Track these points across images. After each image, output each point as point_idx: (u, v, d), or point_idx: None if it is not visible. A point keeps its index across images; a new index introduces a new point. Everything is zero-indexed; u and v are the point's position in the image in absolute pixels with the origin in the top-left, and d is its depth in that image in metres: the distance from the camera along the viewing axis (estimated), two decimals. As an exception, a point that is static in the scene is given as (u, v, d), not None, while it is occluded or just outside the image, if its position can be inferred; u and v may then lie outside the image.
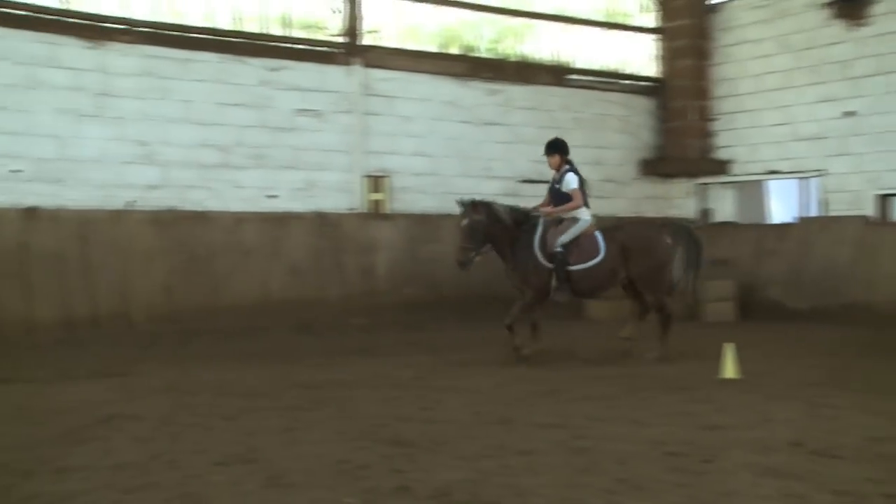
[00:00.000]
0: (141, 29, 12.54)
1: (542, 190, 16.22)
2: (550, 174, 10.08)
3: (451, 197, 14.89)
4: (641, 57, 17.33)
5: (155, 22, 12.68)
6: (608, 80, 16.86)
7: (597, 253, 9.70)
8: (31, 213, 11.72)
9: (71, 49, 12.07)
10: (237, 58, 13.27)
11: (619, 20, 17.24)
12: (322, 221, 13.80)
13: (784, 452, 5.84)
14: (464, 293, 14.03)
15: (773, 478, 5.24)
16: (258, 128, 13.40)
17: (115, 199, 12.29)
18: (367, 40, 14.36)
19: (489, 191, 15.10)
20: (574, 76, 16.45)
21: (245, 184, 13.30)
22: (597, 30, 16.85)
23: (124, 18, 12.46)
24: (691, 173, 16.98)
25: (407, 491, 5.06)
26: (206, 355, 10.45)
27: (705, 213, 16.90)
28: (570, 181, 9.70)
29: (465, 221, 9.68)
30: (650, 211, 16.99)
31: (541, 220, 9.85)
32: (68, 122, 12.03)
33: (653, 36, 17.32)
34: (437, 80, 14.93)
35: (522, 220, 9.89)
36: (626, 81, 17.12)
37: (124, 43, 12.44)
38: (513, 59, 16.08)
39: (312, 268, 13.57)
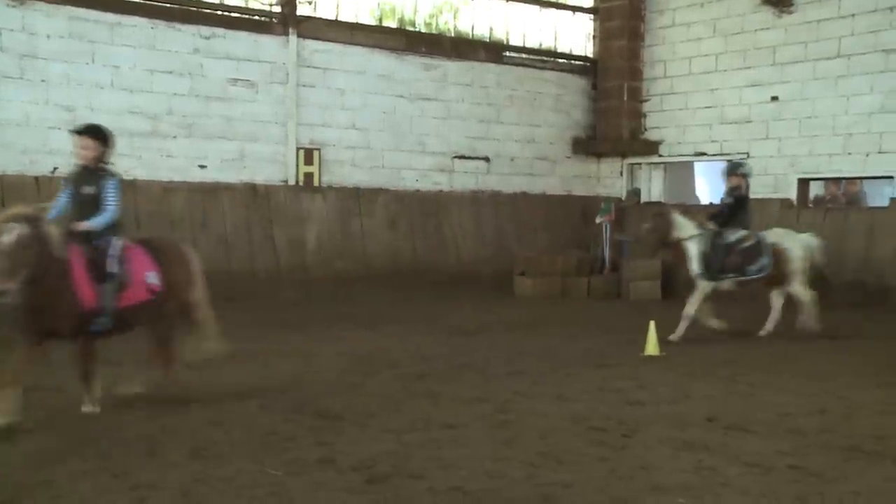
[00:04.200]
0: (68, -11, 12.18)
1: (475, 166, 16.58)
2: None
3: (383, 171, 15.07)
4: (577, 36, 17.46)
5: (82, -17, 12.32)
6: (543, 59, 16.95)
7: None
8: (-51, 177, 11.34)
9: (-8, 7, 11.67)
10: (169, 24, 12.97)
11: (556, -1, 17.35)
12: (253, 193, 13.65)
13: (700, 427, 6.04)
14: (394, 267, 14.05)
15: (689, 451, 5.43)
16: (189, 96, 13.15)
17: (40, 165, 11.96)
18: (302, 10, 14.17)
19: (423, 166, 15.18)
20: (510, 53, 16.51)
21: (174, 153, 13.06)
22: (534, 8, 16.91)
23: (50, -23, 12.06)
24: (622, 153, 17.22)
25: (331, 463, 5.11)
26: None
27: (635, 192, 17.15)
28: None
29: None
30: (580, 189, 17.20)
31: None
32: (-11, 84, 11.65)
33: (588, 16, 17.46)
34: (373, 53, 14.82)
35: None
36: (561, 60, 17.24)
37: (49, 3, 12.06)
38: (450, 34, 16.05)
39: (242, 240, 13.43)
